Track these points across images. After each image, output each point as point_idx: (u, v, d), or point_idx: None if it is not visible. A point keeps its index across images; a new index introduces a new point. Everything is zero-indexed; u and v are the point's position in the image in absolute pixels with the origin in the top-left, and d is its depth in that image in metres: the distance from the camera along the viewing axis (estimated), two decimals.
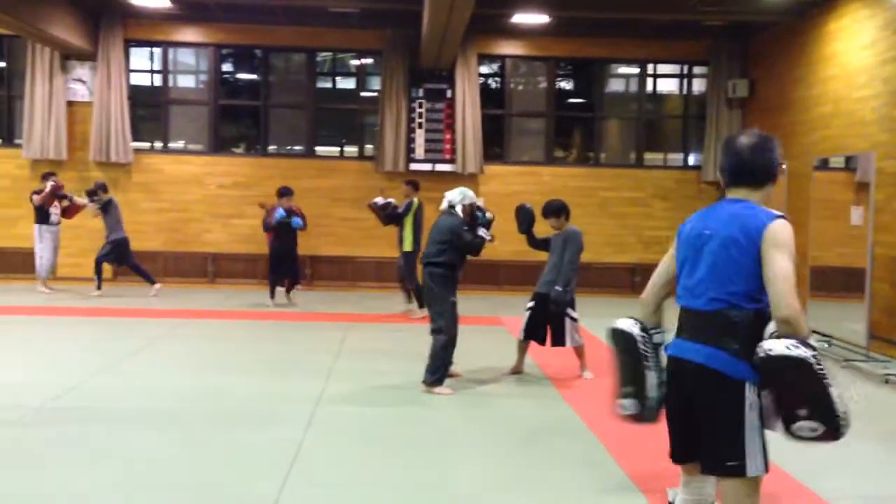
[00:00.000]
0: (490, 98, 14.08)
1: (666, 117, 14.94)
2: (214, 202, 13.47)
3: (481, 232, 6.81)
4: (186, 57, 14.43)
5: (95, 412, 5.82)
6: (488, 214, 7.03)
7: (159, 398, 6.27)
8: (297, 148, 14.22)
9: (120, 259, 11.81)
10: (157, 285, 11.76)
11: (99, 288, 11.63)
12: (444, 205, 6.91)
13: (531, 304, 7.23)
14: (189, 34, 13.45)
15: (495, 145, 14.10)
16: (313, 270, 13.56)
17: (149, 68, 14.08)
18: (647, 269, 16.07)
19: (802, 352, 2.62)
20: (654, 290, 3.22)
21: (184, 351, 8.24)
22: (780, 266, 2.74)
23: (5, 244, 12.99)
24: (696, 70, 14.20)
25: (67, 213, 11.89)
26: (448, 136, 13.56)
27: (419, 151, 13.53)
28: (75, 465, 4.71)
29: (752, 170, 2.96)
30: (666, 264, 3.19)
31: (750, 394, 2.79)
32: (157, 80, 13.99)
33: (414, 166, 13.46)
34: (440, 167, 13.54)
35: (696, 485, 3.07)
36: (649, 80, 14.46)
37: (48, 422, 5.56)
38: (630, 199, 13.86)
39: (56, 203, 11.75)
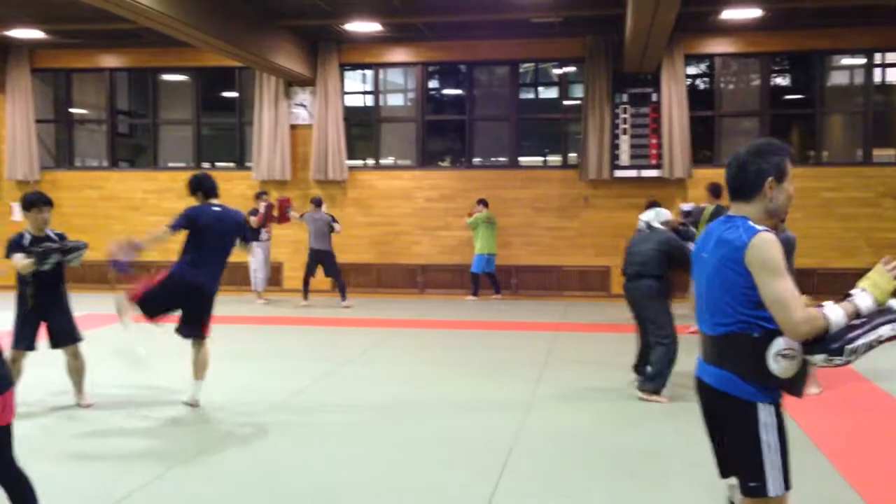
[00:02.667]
0: (698, 99, 13.56)
1: None
2: (422, 215, 13.95)
3: (690, 245, 6.69)
4: (395, 76, 15.10)
5: (319, 414, 6.21)
6: (692, 229, 6.93)
7: (376, 403, 6.56)
8: (500, 159, 14.44)
9: (324, 270, 12.42)
10: (346, 302, 12.26)
11: (305, 298, 12.37)
12: (640, 225, 6.89)
13: None
14: (398, 54, 14.06)
15: (704, 148, 13.56)
16: (519, 280, 13.68)
17: (361, 89, 14.90)
18: None
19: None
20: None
21: (397, 358, 8.58)
22: (770, 292, 2.70)
23: (242, 259, 14.16)
24: None
25: (280, 220, 12.61)
26: (654, 141, 13.21)
27: (624, 158, 13.28)
28: (302, 465, 5.04)
29: (739, 186, 2.94)
30: None
31: (764, 415, 2.80)
32: (369, 101, 14.77)
33: (619, 173, 13.24)
34: (646, 173, 13.21)
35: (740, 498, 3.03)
36: (877, 71, 13.31)
37: (276, 423, 5.98)
38: (857, 200, 12.81)
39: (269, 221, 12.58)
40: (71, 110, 15.28)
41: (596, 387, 7.05)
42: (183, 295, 6.15)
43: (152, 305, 6.12)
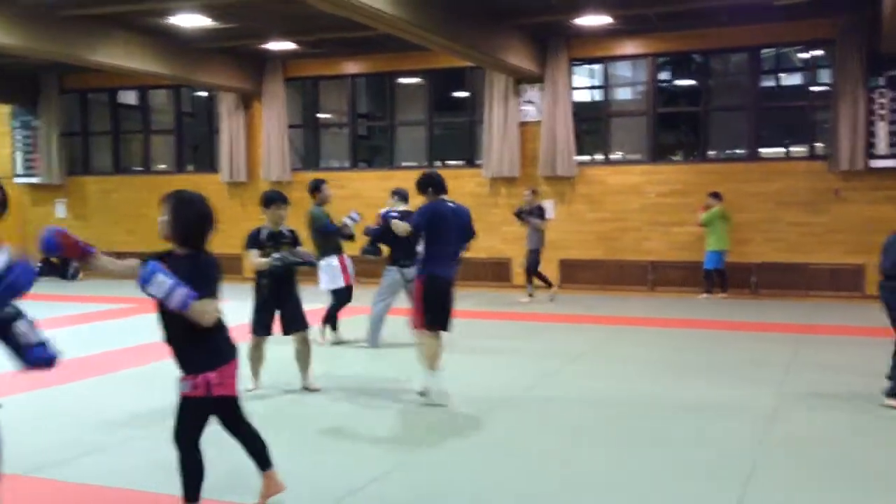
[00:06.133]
0: None
1: None
2: (653, 210, 13.55)
3: None
4: (624, 70, 14.78)
5: (548, 411, 6.20)
6: None
7: (606, 402, 6.44)
8: (738, 151, 13.69)
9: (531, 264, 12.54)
10: (552, 292, 12.49)
11: (530, 296, 12.47)
12: None
13: None
14: (627, 47, 13.73)
15: None
16: (759, 278, 12.91)
17: (589, 84, 14.74)
18: None
19: None
20: None
21: (627, 356, 8.39)
22: None
23: (474, 255, 14.53)
24: None
25: None
26: None
27: (881, 146, 12.11)
28: (529, 462, 5.04)
29: None
30: None
31: None
32: (598, 95, 14.56)
33: (875, 163, 12.12)
34: None
35: None
36: None
37: (506, 418, 6.05)
38: None
39: None
40: (317, 115, 16.44)
41: (847, 394, 6.49)
42: (444, 294, 6.26)
43: (431, 317, 6.24)
